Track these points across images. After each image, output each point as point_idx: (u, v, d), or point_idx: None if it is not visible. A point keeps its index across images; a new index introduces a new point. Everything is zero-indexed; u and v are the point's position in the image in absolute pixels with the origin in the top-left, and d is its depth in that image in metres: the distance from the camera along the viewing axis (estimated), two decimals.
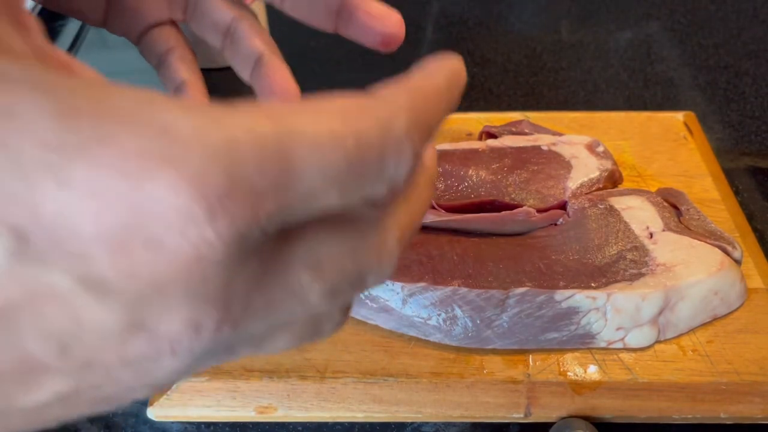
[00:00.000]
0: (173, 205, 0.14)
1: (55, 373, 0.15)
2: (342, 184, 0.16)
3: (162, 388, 0.18)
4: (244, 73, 0.37)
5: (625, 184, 0.47)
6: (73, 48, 0.68)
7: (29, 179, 0.13)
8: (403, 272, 0.39)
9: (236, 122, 0.15)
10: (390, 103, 0.17)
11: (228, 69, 0.68)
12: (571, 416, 0.37)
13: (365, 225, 0.18)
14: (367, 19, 0.35)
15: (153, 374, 0.16)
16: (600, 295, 0.38)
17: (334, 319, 0.19)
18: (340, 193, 0.16)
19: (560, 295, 0.38)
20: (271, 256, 0.16)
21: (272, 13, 0.69)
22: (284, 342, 0.18)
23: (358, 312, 0.39)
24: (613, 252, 0.40)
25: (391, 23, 0.36)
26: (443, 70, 0.20)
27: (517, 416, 0.37)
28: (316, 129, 0.15)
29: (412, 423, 0.38)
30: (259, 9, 0.66)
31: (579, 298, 0.38)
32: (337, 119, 0.16)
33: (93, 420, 0.39)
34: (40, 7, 0.66)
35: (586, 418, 0.37)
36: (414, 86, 0.18)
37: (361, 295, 0.39)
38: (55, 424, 0.16)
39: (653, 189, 0.46)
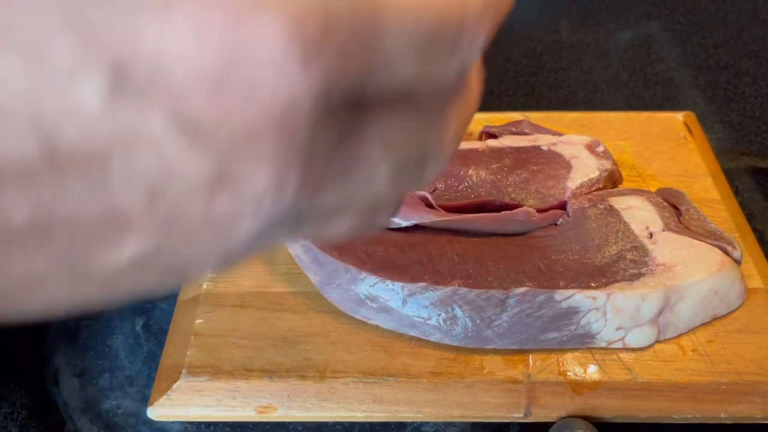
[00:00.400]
0: (271, 48, 0.14)
1: (138, 229, 0.15)
2: (421, 52, 0.16)
3: (230, 262, 0.18)
4: None
5: (625, 184, 0.48)
6: None
7: (133, 8, 0.13)
8: (403, 272, 0.39)
9: None
10: None
11: None
12: (571, 416, 0.37)
13: (432, 111, 0.19)
14: None
15: (230, 237, 0.16)
16: (600, 295, 0.38)
17: (392, 203, 0.20)
18: (419, 63, 0.17)
19: (560, 295, 0.38)
20: (348, 126, 0.17)
21: None
22: (346, 223, 0.19)
23: (358, 312, 0.39)
24: (613, 252, 0.40)
25: None
26: None
27: (517, 416, 0.37)
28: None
29: (412, 423, 0.38)
30: None
31: (579, 298, 0.38)
32: None
33: (93, 420, 0.39)
34: None
35: (586, 418, 0.37)
36: None
37: (361, 296, 0.39)
38: (126, 295, 0.16)
39: (653, 189, 0.46)
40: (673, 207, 0.44)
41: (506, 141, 0.48)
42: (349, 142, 0.17)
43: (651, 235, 0.41)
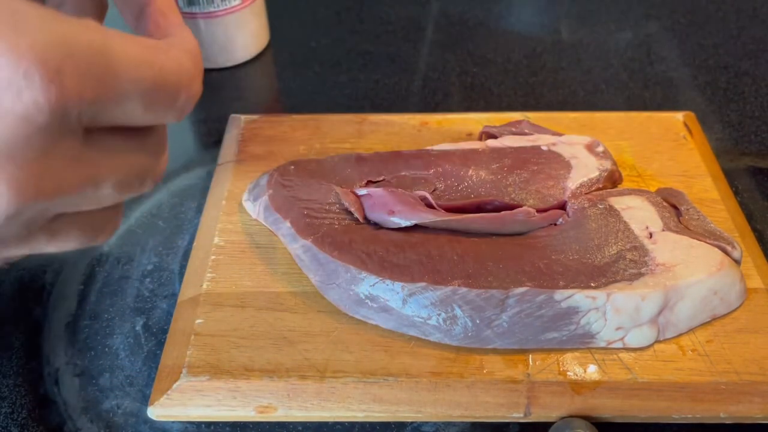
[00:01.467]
0: (13, 66, 0.18)
1: None
2: (146, 98, 0.21)
3: None
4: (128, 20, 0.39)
5: (625, 184, 0.48)
6: None
7: None
8: (403, 272, 0.39)
9: (78, 25, 0.19)
10: (184, 51, 0.24)
11: (228, 69, 0.68)
12: (570, 416, 0.37)
13: (153, 138, 0.24)
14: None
15: None
16: (600, 294, 0.38)
17: (115, 216, 0.25)
18: (144, 106, 0.21)
19: (560, 294, 0.38)
20: (82, 146, 0.20)
21: (273, 13, 0.69)
22: (74, 235, 0.23)
23: (357, 312, 0.39)
24: (612, 252, 0.40)
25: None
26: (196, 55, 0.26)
27: (516, 416, 0.37)
28: (132, 51, 0.21)
29: (412, 423, 0.38)
30: (259, 8, 0.66)
31: (579, 297, 0.38)
32: (148, 50, 0.22)
33: (93, 420, 0.39)
34: None
35: (586, 418, 0.37)
36: (193, 50, 0.25)
37: (361, 295, 0.39)
38: None
39: (653, 189, 0.46)
40: (673, 207, 0.44)
41: (506, 141, 0.48)
42: (83, 158, 0.20)
43: (651, 235, 0.41)
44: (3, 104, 0.18)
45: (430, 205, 0.43)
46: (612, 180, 0.46)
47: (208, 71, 0.64)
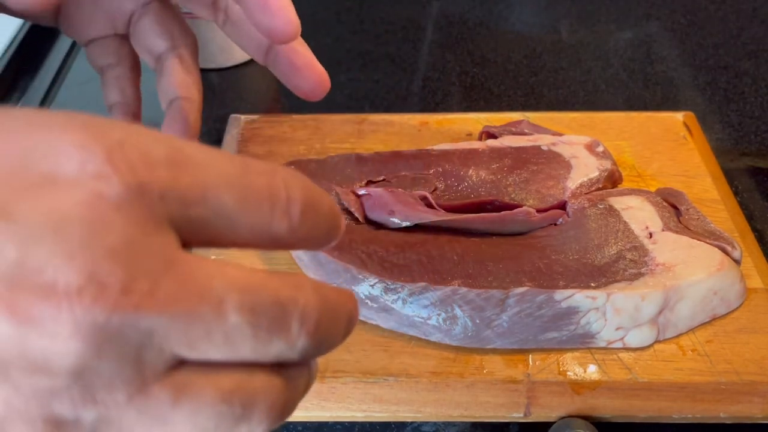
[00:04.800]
0: (77, 150, 0.15)
1: None
2: (237, 191, 0.18)
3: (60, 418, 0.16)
4: (163, 104, 0.39)
5: (625, 184, 0.48)
6: (69, 54, 0.68)
7: None
8: (403, 272, 0.39)
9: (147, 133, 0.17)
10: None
11: (228, 69, 0.68)
12: (570, 416, 0.37)
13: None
14: (291, 65, 0.39)
15: (49, 360, 0.15)
16: (600, 294, 0.38)
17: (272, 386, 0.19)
18: (238, 200, 0.18)
19: (560, 294, 0.38)
20: (181, 258, 0.17)
21: None
22: (208, 395, 0.17)
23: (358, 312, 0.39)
24: (612, 252, 0.40)
25: (315, 73, 0.39)
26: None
27: (516, 416, 0.37)
28: (210, 152, 0.18)
29: (412, 423, 0.38)
30: None
31: (579, 297, 0.38)
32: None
33: None
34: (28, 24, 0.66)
35: (585, 418, 0.37)
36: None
37: (361, 295, 0.39)
38: None
39: (653, 189, 0.46)
40: (673, 207, 0.44)
41: (506, 141, 0.48)
42: (188, 269, 0.17)
43: (651, 235, 0.41)
44: (63, 177, 0.15)
45: (430, 205, 0.43)
46: (612, 180, 0.46)
47: (208, 71, 0.64)
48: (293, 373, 0.19)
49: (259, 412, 0.18)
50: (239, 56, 0.66)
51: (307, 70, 0.39)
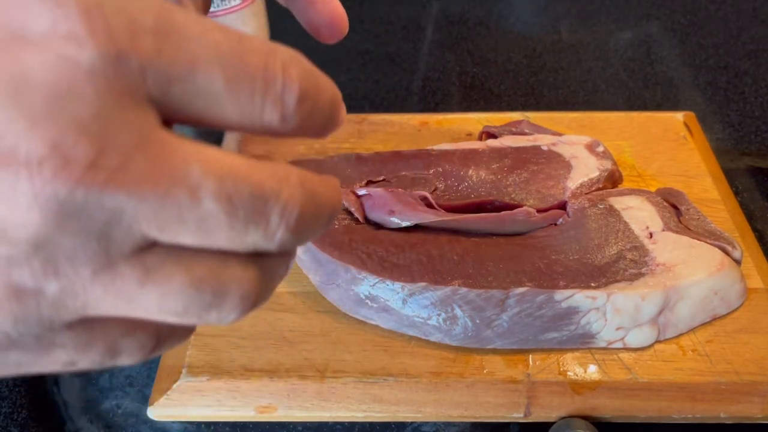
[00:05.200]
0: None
1: None
2: (227, 68, 0.16)
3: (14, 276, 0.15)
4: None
5: (625, 184, 0.48)
6: None
7: None
8: (403, 272, 0.39)
9: None
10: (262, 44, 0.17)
11: None
12: (570, 416, 0.37)
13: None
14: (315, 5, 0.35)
15: (7, 229, 0.14)
16: (600, 294, 0.38)
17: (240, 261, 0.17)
18: (226, 80, 0.16)
19: (560, 294, 0.38)
20: (158, 129, 0.15)
21: (272, 13, 0.69)
22: (178, 280, 0.16)
23: (357, 312, 0.39)
24: (612, 252, 0.40)
25: (330, 7, 0.35)
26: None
27: (517, 416, 0.37)
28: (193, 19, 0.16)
29: (412, 423, 0.38)
30: (259, 8, 0.66)
31: (579, 297, 0.38)
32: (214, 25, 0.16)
33: (93, 420, 0.39)
34: None
35: (586, 418, 0.37)
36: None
37: (361, 295, 0.39)
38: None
39: (653, 189, 0.46)
40: (673, 207, 0.44)
41: (506, 141, 0.48)
42: (162, 148, 0.15)
43: (651, 235, 0.41)
44: (37, 45, 0.14)
45: (430, 205, 0.43)
46: (612, 180, 0.46)
47: None
48: (270, 263, 0.18)
49: (231, 301, 0.17)
50: None
51: (322, 3, 0.35)
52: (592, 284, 0.38)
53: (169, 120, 0.16)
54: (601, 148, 0.47)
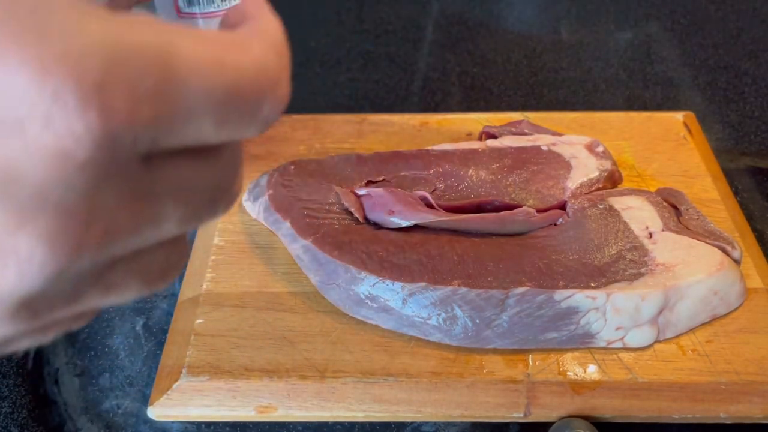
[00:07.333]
0: (38, 85, 0.13)
1: None
2: (220, 112, 0.16)
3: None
4: None
5: (625, 184, 0.48)
6: None
7: None
8: (403, 272, 0.39)
9: (125, 21, 0.14)
10: (267, 44, 0.17)
11: None
12: (570, 416, 0.37)
13: (227, 156, 0.18)
14: None
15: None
16: (600, 294, 0.38)
17: (179, 253, 0.19)
18: (217, 123, 0.16)
19: (560, 294, 0.38)
20: (139, 178, 0.15)
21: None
22: (133, 285, 0.17)
23: (358, 312, 0.39)
24: (612, 252, 0.40)
25: None
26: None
27: (516, 416, 0.37)
28: (199, 52, 0.15)
29: (412, 423, 0.38)
30: None
31: (579, 297, 0.38)
32: (222, 49, 0.16)
33: (93, 420, 0.39)
34: None
35: (585, 418, 0.37)
36: (278, 41, 0.18)
37: (361, 295, 0.39)
38: None
39: (653, 189, 0.46)
40: (673, 207, 0.44)
41: (506, 141, 0.48)
42: (141, 192, 0.15)
43: (651, 235, 0.41)
44: (28, 138, 0.13)
45: (430, 205, 0.43)
46: (612, 180, 0.46)
47: None
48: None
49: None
50: None
51: None
52: (592, 284, 0.38)
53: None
54: (600, 149, 0.47)
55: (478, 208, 0.44)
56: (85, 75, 0.13)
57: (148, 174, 0.15)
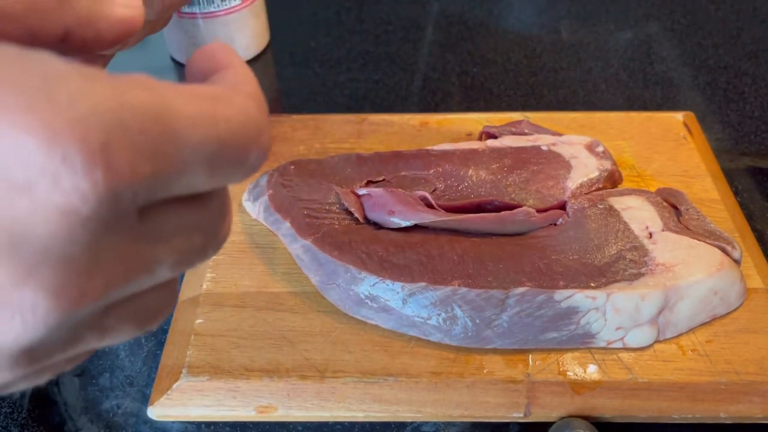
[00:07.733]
0: (47, 148, 0.14)
1: None
2: (212, 162, 0.17)
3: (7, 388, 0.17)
4: None
5: (625, 184, 0.48)
6: None
7: None
8: (403, 272, 0.39)
9: (125, 83, 0.15)
10: (247, 96, 0.19)
11: None
12: (570, 416, 0.37)
13: (216, 201, 0.19)
14: None
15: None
16: (600, 294, 0.38)
17: (170, 295, 0.20)
18: (209, 173, 0.17)
19: (560, 294, 0.38)
20: (135, 230, 0.16)
21: (273, 13, 0.69)
22: (128, 327, 0.18)
23: (358, 312, 0.39)
24: (612, 252, 0.40)
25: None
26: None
27: (516, 416, 0.37)
28: (191, 108, 0.16)
29: (412, 423, 0.38)
30: (259, 8, 0.66)
31: (579, 297, 0.38)
32: (210, 103, 0.17)
33: (93, 420, 0.39)
34: None
35: (585, 418, 0.37)
36: (256, 92, 0.19)
37: (361, 295, 0.39)
38: None
39: (653, 189, 0.46)
40: (673, 207, 0.44)
41: (506, 141, 0.48)
42: (136, 245, 0.16)
43: (651, 235, 0.41)
44: (37, 196, 0.14)
45: (430, 205, 0.43)
46: (612, 180, 0.46)
47: None
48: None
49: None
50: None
51: None
52: (592, 284, 0.38)
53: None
54: (600, 149, 0.47)
55: (478, 208, 0.44)
56: (91, 137, 0.14)
57: (144, 224, 0.16)
